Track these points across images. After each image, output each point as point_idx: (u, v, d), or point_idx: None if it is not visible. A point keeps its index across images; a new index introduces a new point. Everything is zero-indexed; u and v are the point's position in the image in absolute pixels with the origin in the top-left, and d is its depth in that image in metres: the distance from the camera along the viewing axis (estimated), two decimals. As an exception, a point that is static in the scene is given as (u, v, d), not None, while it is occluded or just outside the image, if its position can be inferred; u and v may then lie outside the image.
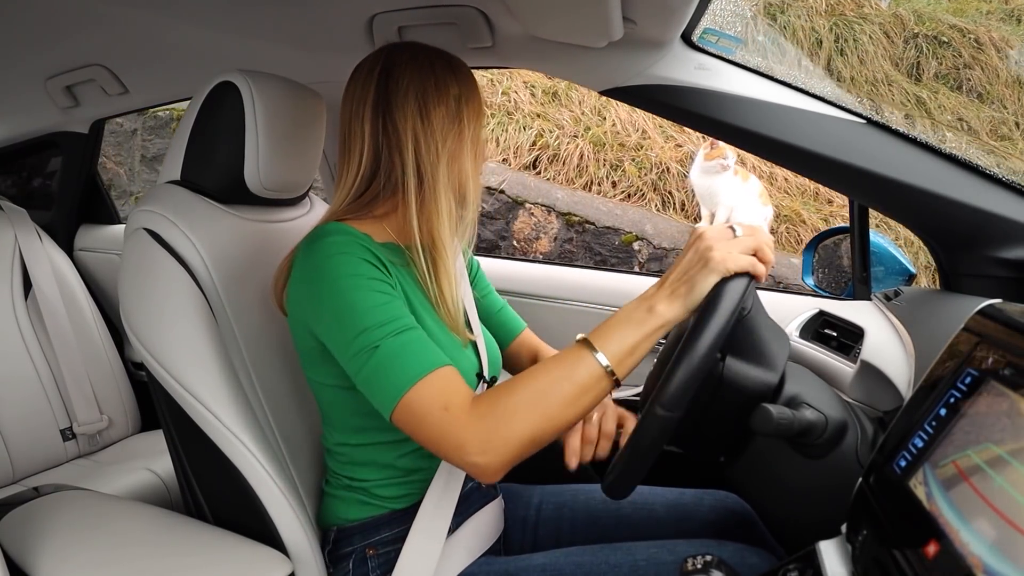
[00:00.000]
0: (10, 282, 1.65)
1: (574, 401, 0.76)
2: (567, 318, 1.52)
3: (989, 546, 0.51)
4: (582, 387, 0.76)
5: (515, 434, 0.74)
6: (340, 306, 0.80)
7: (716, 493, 1.12)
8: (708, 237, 0.78)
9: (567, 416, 0.77)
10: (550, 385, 0.76)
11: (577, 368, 0.77)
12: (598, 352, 0.77)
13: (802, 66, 4.06)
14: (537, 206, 3.70)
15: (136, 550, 0.92)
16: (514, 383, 0.77)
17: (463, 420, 0.75)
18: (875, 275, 1.29)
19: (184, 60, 1.43)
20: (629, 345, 0.77)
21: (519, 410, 0.75)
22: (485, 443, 0.74)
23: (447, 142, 0.91)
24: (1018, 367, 0.58)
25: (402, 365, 0.78)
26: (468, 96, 0.94)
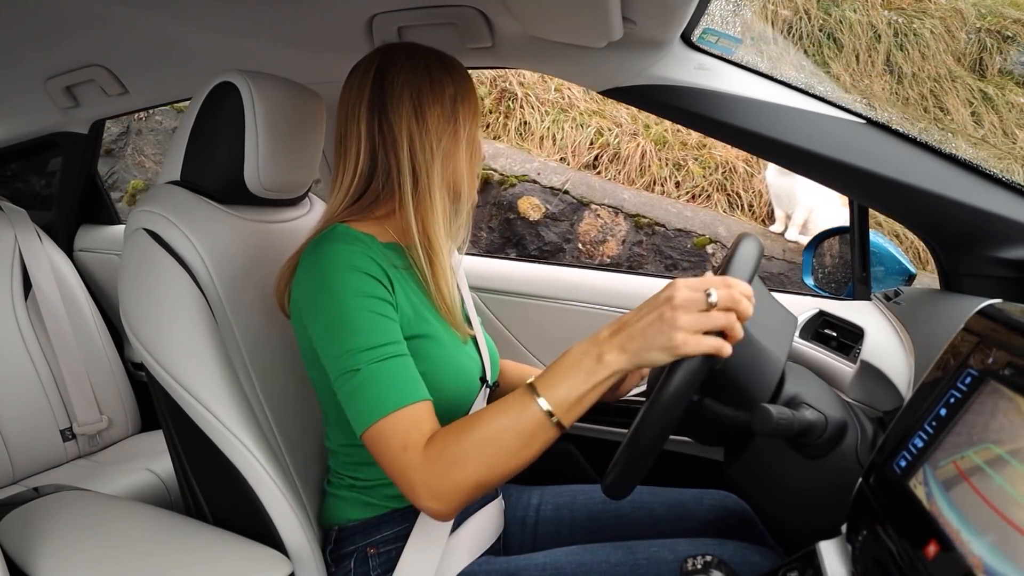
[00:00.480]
0: (10, 282, 1.65)
1: (519, 451, 0.76)
2: (567, 318, 1.52)
3: (989, 546, 0.51)
4: (527, 436, 0.76)
5: (461, 482, 0.76)
6: (335, 322, 0.82)
7: (715, 493, 1.12)
8: (679, 301, 0.72)
9: (512, 465, 0.77)
10: (496, 433, 0.76)
11: (522, 416, 0.76)
12: (542, 400, 0.75)
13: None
14: (603, 207, 3.49)
15: (136, 550, 0.92)
16: (464, 428, 0.78)
17: (416, 463, 0.77)
18: (875, 275, 1.29)
19: (184, 60, 1.43)
20: (576, 395, 0.75)
21: (467, 458, 0.76)
22: (435, 489, 0.76)
23: (442, 141, 0.92)
24: (1018, 367, 0.58)
25: (375, 395, 0.79)
26: (464, 96, 0.94)
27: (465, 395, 0.95)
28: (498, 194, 3.52)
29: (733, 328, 0.71)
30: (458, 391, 0.94)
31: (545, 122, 4.01)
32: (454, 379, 0.93)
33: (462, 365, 0.95)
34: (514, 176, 3.54)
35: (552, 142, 3.97)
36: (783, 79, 1.10)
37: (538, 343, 1.55)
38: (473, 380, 0.97)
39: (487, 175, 3.56)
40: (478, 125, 0.98)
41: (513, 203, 3.48)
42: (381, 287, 0.85)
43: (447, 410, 0.94)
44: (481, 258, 1.68)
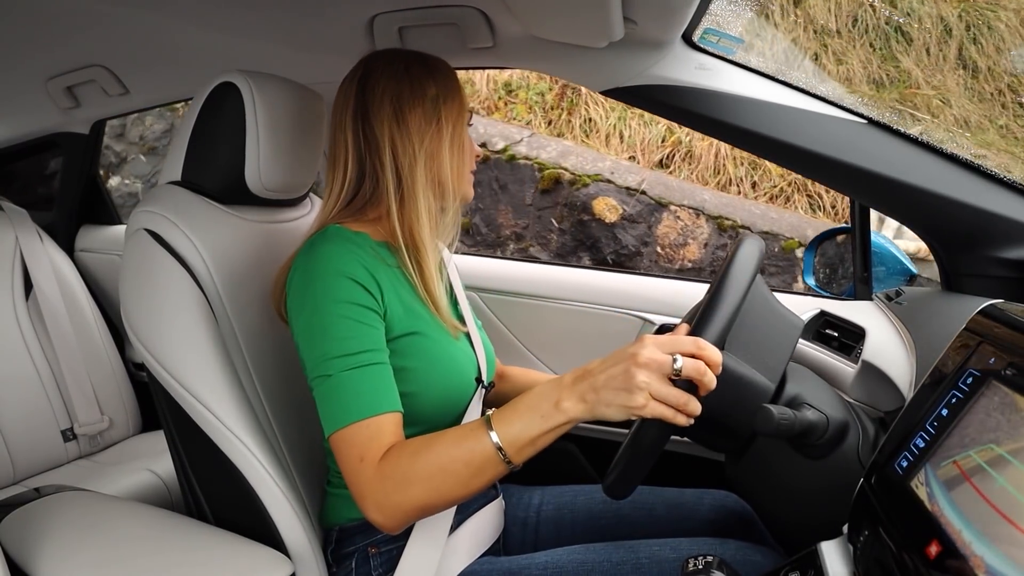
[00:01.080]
0: (11, 283, 1.65)
1: (467, 482, 0.77)
2: (567, 318, 1.52)
3: (991, 546, 0.51)
4: (475, 469, 0.76)
5: (407, 502, 0.77)
6: (314, 325, 0.84)
7: (716, 493, 1.12)
8: (643, 360, 0.70)
9: (458, 494, 0.78)
10: (448, 462, 0.77)
11: (475, 449, 0.76)
12: (495, 435, 0.75)
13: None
14: (683, 208, 3.26)
15: (137, 551, 0.92)
16: (418, 450, 0.79)
17: (367, 475, 0.78)
18: (876, 275, 1.29)
19: (185, 61, 1.43)
20: (529, 437, 0.75)
21: (415, 481, 0.77)
22: (380, 504, 0.78)
23: (424, 142, 0.94)
24: (1020, 367, 0.58)
25: (342, 403, 0.81)
26: (447, 95, 0.96)
27: (460, 394, 0.96)
28: (570, 194, 3.31)
29: (688, 406, 0.70)
30: (452, 389, 0.94)
31: (611, 119, 3.80)
32: (448, 376, 0.93)
33: (457, 363, 0.95)
34: (586, 175, 3.32)
35: (619, 139, 3.79)
36: (783, 79, 1.10)
37: (538, 343, 1.55)
38: (468, 379, 0.97)
39: (557, 174, 3.35)
40: (464, 123, 0.99)
41: (587, 204, 3.27)
42: (366, 294, 0.86)
43: (441, 408, 0.94)
44: (481, 258, 1.68)
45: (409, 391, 0.90)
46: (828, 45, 3.90)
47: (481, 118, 3.54)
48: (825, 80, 3.78)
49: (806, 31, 3.91)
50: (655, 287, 1.48)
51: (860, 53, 3.86)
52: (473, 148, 1.03)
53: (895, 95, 3.74)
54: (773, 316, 0.95)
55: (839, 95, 1.07)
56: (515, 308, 1.56)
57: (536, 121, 3.57)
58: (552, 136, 3.64)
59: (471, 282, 1.55)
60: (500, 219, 3.37)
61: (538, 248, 3.31)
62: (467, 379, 0.97)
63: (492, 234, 3.36)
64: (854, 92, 3.74)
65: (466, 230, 3.37)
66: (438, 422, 0.96)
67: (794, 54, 3.90)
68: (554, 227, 3.35)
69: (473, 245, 3.40)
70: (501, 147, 3.38)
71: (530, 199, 3.33)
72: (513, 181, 3.34)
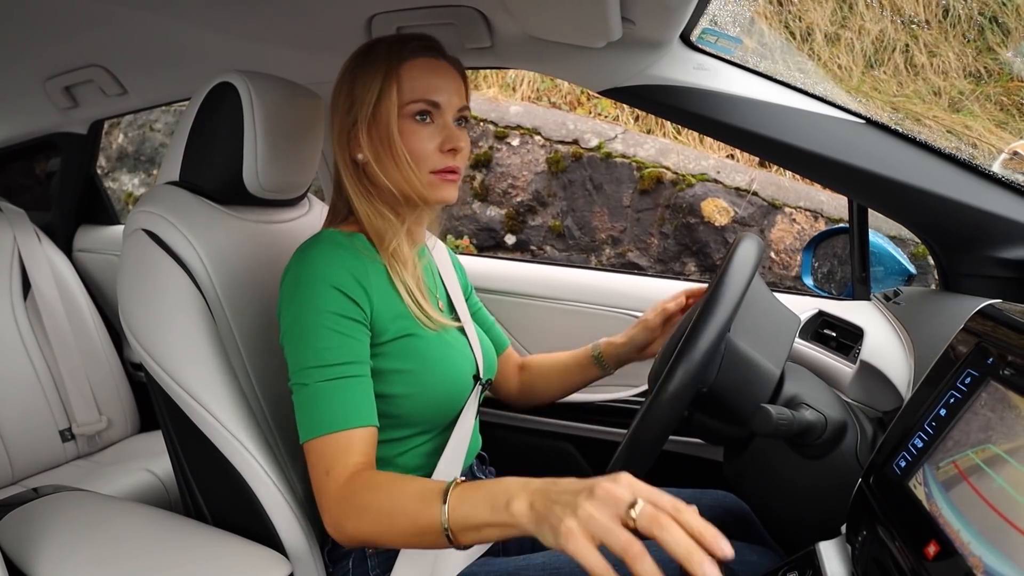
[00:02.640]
0: (9, 283, 1.65)
1: (408, 538, 0.76)
2: (567, 318, 1.52)
3: (989, 546, 0.51)
4: (419, 531, 0.74)
5: (357, 530, 0.78)
6: (297, 333, 0.85)
7: (714, 493, 1.12)
8: (599, 493, 0.60)
9: (400, 543, 0.79)
10: (399, 513, 0.75)
11: (424, 513, 0.73)
12: (446, 508, 0.71)
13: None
14: (799, 211, 2.98)
15: (135, 551, 0.91)
16: (380, 486, 0.78)
17: (331, 492, 0.80)
18: (874, 275, 1.29)
19: (183, 61, 1.43)
20: (474, 523, 0.70)
21: (367, 514, 0.77)
22: (336, 521, 0.80)
23: (343, 147, 0.94)
24: (1018, 367, 0.58)
25: (315, 414, 0.83)
26: (365, 95, 0.90)
27: (457, 393, 0.96)
28: (673, 195, 3.03)
29: (634, 561, 0.57)
30: (448, 389, 0.94)
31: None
32: (444, 376, 0.93)
33: (452, 362, 0.95)
34: (691, 175, 3.05)
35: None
36: (782, 79, 1.10)
37: (538, 343, 1.55)
38: (465, 377, 0.97)
39: (659, 173, 3.03)
40: (390, 122, 0.89)
41: (694, 206, 2.99)
42: (351, 304, 0.86)
43: (438, 408, 0.94)
44: (481, 258, 1.68)
45: (406, 392, 0.90)
46: (919, 36, 3.72)
47: (567, 114, 3.34)
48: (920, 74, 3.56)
49: (893, 22, 3.76)
50: (655, 287, 1.48)
51: (954, 44, 3.69)
52: (432, 144, 0.91)
53: (998, 89, 3.56)
54: (774, 309, 0.96)
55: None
56: (515, 308, 1.56)
57: (623, 117, 3.35)
58: (641, 132, 3.31)
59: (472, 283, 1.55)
60: (595, 222, 3.14)
61: (637, 254, 3.10)
62: (464, 377, 0.97)
63: (586, 238, 3.16)
64: (953, 86, 3.56)
65: (558, 234, 3.18)
66: (436, 421, 0.96)
67: (884, 47, 3.68)
68: (655, 230, 3.07)
69: (565, 250, 3.19)
70: (594, 144, 3.13)
71: (628, 200, 3.09)
72: (609, 181, 3.10)
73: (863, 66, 3.71)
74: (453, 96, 0.93)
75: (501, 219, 3.23)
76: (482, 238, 3.27)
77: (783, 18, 3.79)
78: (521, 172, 3.21)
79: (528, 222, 3.21)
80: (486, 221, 3.25)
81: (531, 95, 3.46)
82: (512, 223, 3.22)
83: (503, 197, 3.23)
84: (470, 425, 1.00)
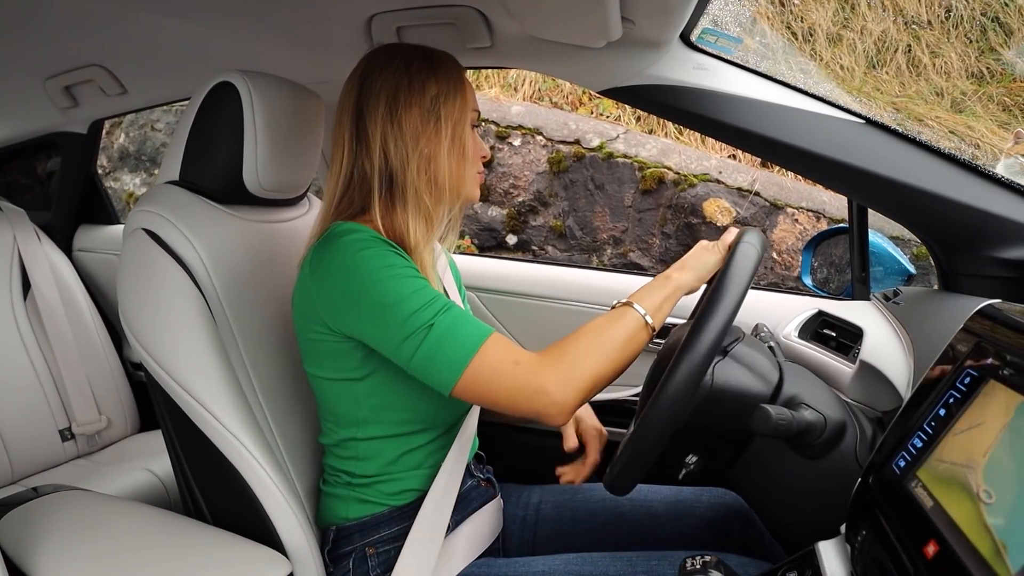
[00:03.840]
0: (9, 283, 1.65)
1: (624, 346, 0.86)
2: (567, 318, 1.52)
3: (989, 546, 0.51)
4: (629, 335, 0.86)
5: (588, 373, 0.83)
6: (382, 297, 0.82)
7: (714, 491, 1.12)
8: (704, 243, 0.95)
9: (622, 359, 0.86)
10: (607, 335, 0.86)
11: (624, 320, 0.87)
12: (638, 306, 0.88)
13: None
14: (801, 211, 2.99)
15: (135, 550, 0.91)
16: (574, 337, 0.86)
17: (538, 367, 0.82)
18: (874, 275, 1.29)
19: (183, 60, 1.43)
20: (658, 303, 0.89)
21: (588, 354, 0.83)
22: (564, 382, 0.82)
23: (419, 144, 0.92)
24: (1017, 367, 0.58)
25: (462, 336, 0.82)
26: (448, 94, 0.94)
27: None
28: (675, 195, 3.04)
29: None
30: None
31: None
32: None
33: None
34: (693, 175, 3.05)
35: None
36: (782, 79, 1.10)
37: (538, 343, 1.55)
38: None
39: (660, 174, 3.05)
40: (466, 123, 0.96)
41: (696, 206, 3.00)
42: (404, 259, 0.87)
43: (447, 405, 0.94)
44: (481, 258, 1.68)
45: (416, 388, 0.90)
46: (921, 37, 3.72)
47: (569, 114, 3.33)
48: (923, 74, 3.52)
49: (895, 22, 3.76)
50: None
51: (956, 45, 3.69)
52: (479, 148, 1.00)
53: (1001, 89, 3.56)
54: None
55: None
56: (515, 308, 1.56)
57: (625, 117, 3.34)
58: (643, 132, 3.33)
59: (471, 282, 1.55)
60: (596, 222, 3.14)
61: (639, 254, 3.10)
62: None
63: (587, 238, 3.15)
64: (955, 86, 3.53)
65: (559, 234, 3.18)
66: (443, 420, 0.96)
67: (885, 47, 3.66)
68: (657, 231, 3.09)
69: (567, 250, 3.19)
70: (596, 144, 3.14)
71: (630, 200, 3.09)
72: (610, 181, 3.10)
73: (865, 67, 3.70)
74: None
75: (502, 219, 3.23)
76: (483, 238, 3.26)
77: (785, 19, 3.79)
78: (523, 172, 3.20)
79: (530, 222, 3.21)
80: (487, 221, 3.25)
81: (533, 95, 3.45)
82: (513, 223, 3.21)
83: (504, 197, 3.23)
84: (474, 425, 1.01)
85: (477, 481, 1.07)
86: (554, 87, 3.45)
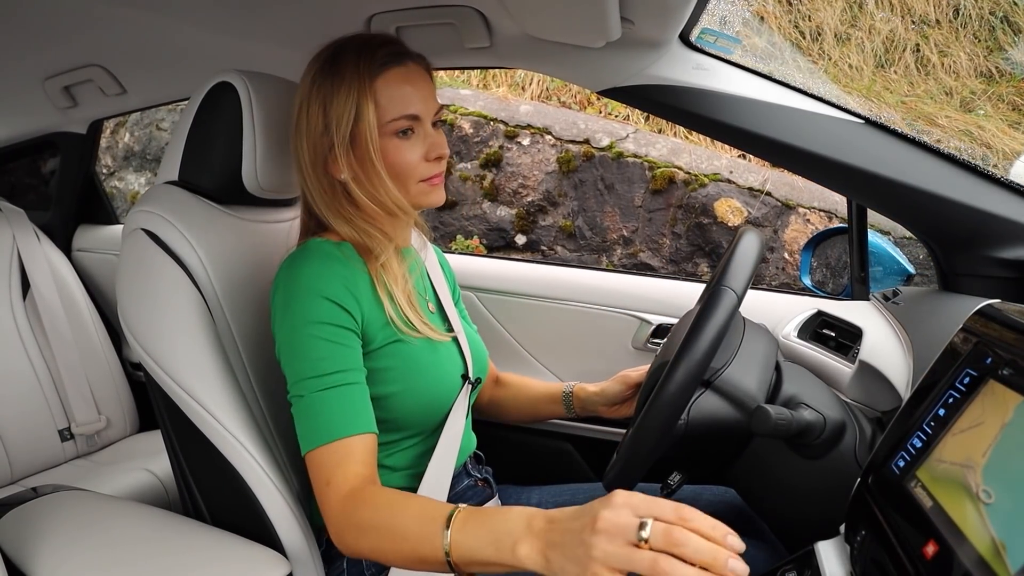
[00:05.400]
0: (8, 283, 1.65)
1: (409, 561, 0.74)
2: (566, 318, 1.52)
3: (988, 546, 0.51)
4: (420, 556, 0.72)
5: (359, 546, 0.78)
6: (290, 345, 0.85)
7: (715, 489, 1.12)
8: (601, 525, 0.59)
9: (402, 565, 0.75)
10: (401, 535, 0.73)
11: (428, 539, 0.71)
12: (448, 536, 0.69)
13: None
14: (813, 211, 2.92)
15: (134, 551, 0.91)
16: (384, 507, 0.76)
17: (332, 504, 0.80)
18: (873, 275, 1.29)
19: (182, 60, 1.43)
20: (479, 558, 0.68)
21: (368, 533, 0.77)
22: (337, 534, 0.80)
23: (316, 168, 0.91)
24: (1017, 367, 0.58)
25: (313, 425, 0.83)
26: (341, 118, 0.87)
27: (444, 394, 0.96)
28: (685, 195, 3.00)
29: (672, 571, 0.55)
30: (436, 390, 0.95)
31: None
32: (430, 377, 0.94)
33: (439, 367, 0.95)
34: (704, 175, 3.00)
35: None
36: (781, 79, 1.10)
37: (536, 343, 1.55)
38: (453, 379, 0.97)
39: (671, 173, 3.00)
40: (369, 142, 0.88)
41: (707, 206, 2.96)
42: (344, 313, 0.86)
43: (426, 407, 0.94)
44: (481, 258, 1.68)
45: (393, 391, 0.90)
46: (929, 36, 3.71)
47: (578, 113, 3.32)
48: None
49: (904, 21, 3.74)
50: (653, 287, 1.48)
51: (965, 44, 3.68)
52: (418, 155, 0.91)
53: (1010, 88, 3.55)
54: (752, 330, 0.96)
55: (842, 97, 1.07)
56: (513, 308, 1.56)
57: (634, 116, 3.32)
58: (652, 132, 3.27)
59: (469, 282, 1.55)
60: (606, 222, 3.11)
61: (649, 254, 3.08)
62: (451, 378, 0.97)
63: (597, 238, 3.13)
64: (965, 86, 3.52)
65: (569, 234, 3.16)
66: (425, 423, 0.96)
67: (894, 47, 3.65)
68: (667, 231, 3.04)
69: (576, 250, 3.18)
70: (606, 144, 3.11)
71: (640, 200, 3.06)
72: (620, 181, 3.07)
73: (873, 66, 3.70)
74: (429, 102, 0.92)
75: (512, 219, 3.22)
76: (492, 238, 3.26)
77: (792, 18, 3.79)
78: (532, 172, 3.20)
79: (539, 222, 3.21)
80: (496, 221, 3.24)
81: (541, 94, 3.45)
82: (523, 223, 3.21)
83: (513, 197, 3.22)
84: (460, 425, 0.99)
85: (474, 480, 1.07)
86: (562, 86, 3.45)
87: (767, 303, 1.39)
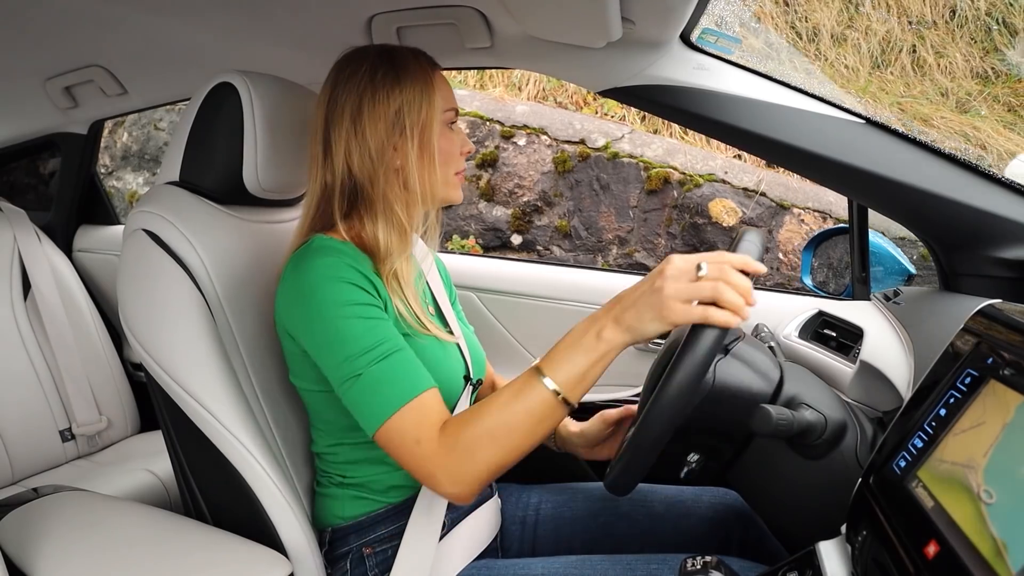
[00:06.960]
0: (9, 283, 1.65)
1: (531, 431, 0.79)
2: (566, 318, 1.52)
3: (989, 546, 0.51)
4: (538, 416, 0.79)
5: (479, 466, 0.79)
6: (327, 333, 0.84)
7: (715, 491, 1.12)
8: (668, 272, 0.75)
9: (526, 445, 0.80)
10: (509, 417, 0.79)
11: (532, 398, 0.79)
12: (548, 380, 0.78)
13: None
14: (807, 212, 2.96)
15: (135, 551, 0.91)
16: (475, 414, 0.81)
17: (431, 453, 0.80)
18: (874, 275, 1.29)
19: (183, 61, 1.43)
20: (579, 372, 0.78)
21: (481, 443, 0.79)
22: (453, 475, 0.80)
23: (385, 156, 0.92)
24: (1018, 367, 0.58)
25: (380, 396, 0.82)
26: (414, 103, 0.92)
27: (449, 393, 0.96)
28: (681, 195, 3.02)
29: (721, 296, 0.72)
30: (442, 389, 0.94)
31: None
32: (439, 377, 0.93)
33: (445, 365, 0.95)
34: (699, 175, 3.03)
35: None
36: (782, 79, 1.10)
37: (536, 343, 1.55)
38: (456, 378, 0.97)
39: (666, 174, 3.03)
40: (435, 127, 0.94)
41: (702, 206, 2.98)
42: (365, 292, 0.86)
43: None
44: (481, 258, 1.68)
45: None
46: (925, 37, 3.71)
47: (574, 113, 3.33)
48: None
49: (900, 22, 3.75)
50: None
51: (961, 46, 3.69)
52: (459, 146, 0.98)
53: (1006, 89, 3.56)
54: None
55: (834, 96, 1.07)
56: (513, 308, 1.56)
57: (630, 117, 3.34)
58: (648, 132, 3.30)
59: (471, 282, 1.55)
60: (602, 222, 3.12)
61: (644, 254, 3.08)
62: (456, 378, 0.97)
63: (592, 238, 3.14)
64: (960, 87, 3.53)
65: (564, 234, 3.16)
66: None
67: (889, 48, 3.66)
68: (662, 231, 3.08)
69: (572, 250, 3.18)
70: (601, 144, 3.12)
71: (635, 200, 3.07)
72: (616, 181, 3.08)
73: (870, 67, 3.70)
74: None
75: (507, 219, 3.23)
76: (488, 238, 3.26)
77: (789, 19, 3.79)
78: (527, 172, 3.21)
79: (534, 222, 3.21)
80: (492, 221, 3.25)
81: (537, 95, 3.46)
82: (518, 223, 3.22)
83: (509, 197, 3.23)
84: None
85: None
86: (559, 87, 3.45)
87: (768, 303, 1.39)
